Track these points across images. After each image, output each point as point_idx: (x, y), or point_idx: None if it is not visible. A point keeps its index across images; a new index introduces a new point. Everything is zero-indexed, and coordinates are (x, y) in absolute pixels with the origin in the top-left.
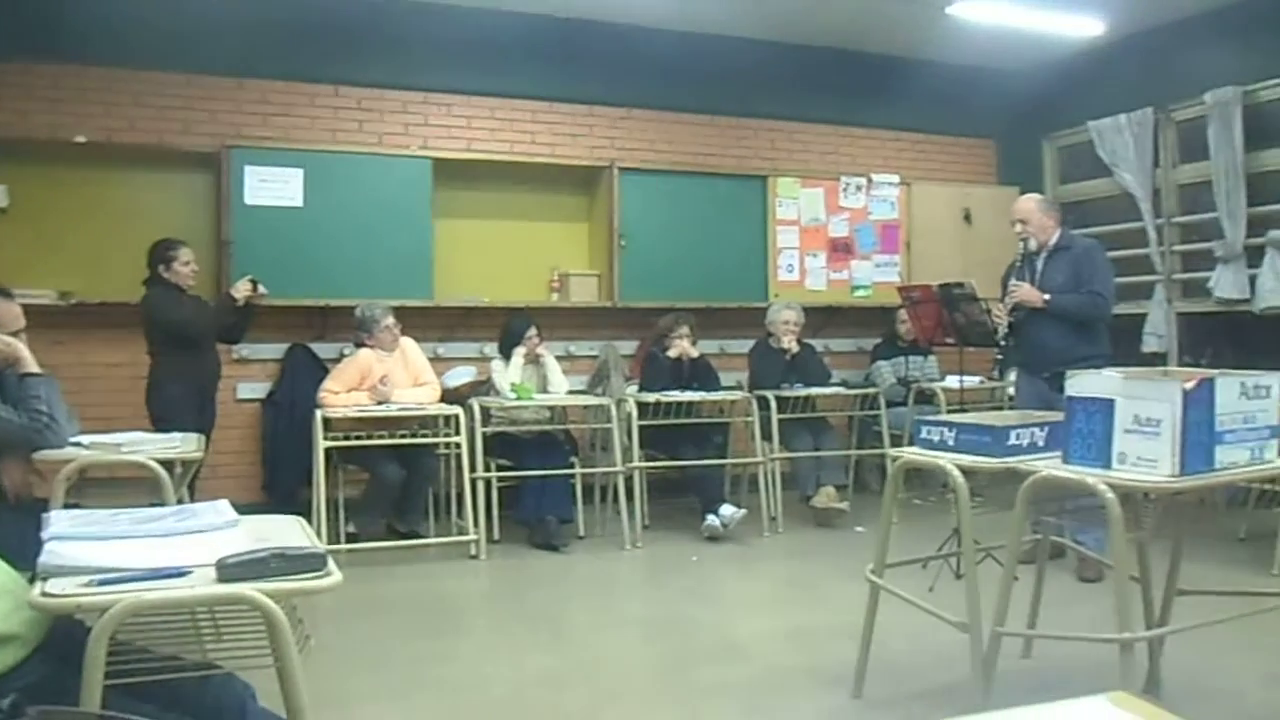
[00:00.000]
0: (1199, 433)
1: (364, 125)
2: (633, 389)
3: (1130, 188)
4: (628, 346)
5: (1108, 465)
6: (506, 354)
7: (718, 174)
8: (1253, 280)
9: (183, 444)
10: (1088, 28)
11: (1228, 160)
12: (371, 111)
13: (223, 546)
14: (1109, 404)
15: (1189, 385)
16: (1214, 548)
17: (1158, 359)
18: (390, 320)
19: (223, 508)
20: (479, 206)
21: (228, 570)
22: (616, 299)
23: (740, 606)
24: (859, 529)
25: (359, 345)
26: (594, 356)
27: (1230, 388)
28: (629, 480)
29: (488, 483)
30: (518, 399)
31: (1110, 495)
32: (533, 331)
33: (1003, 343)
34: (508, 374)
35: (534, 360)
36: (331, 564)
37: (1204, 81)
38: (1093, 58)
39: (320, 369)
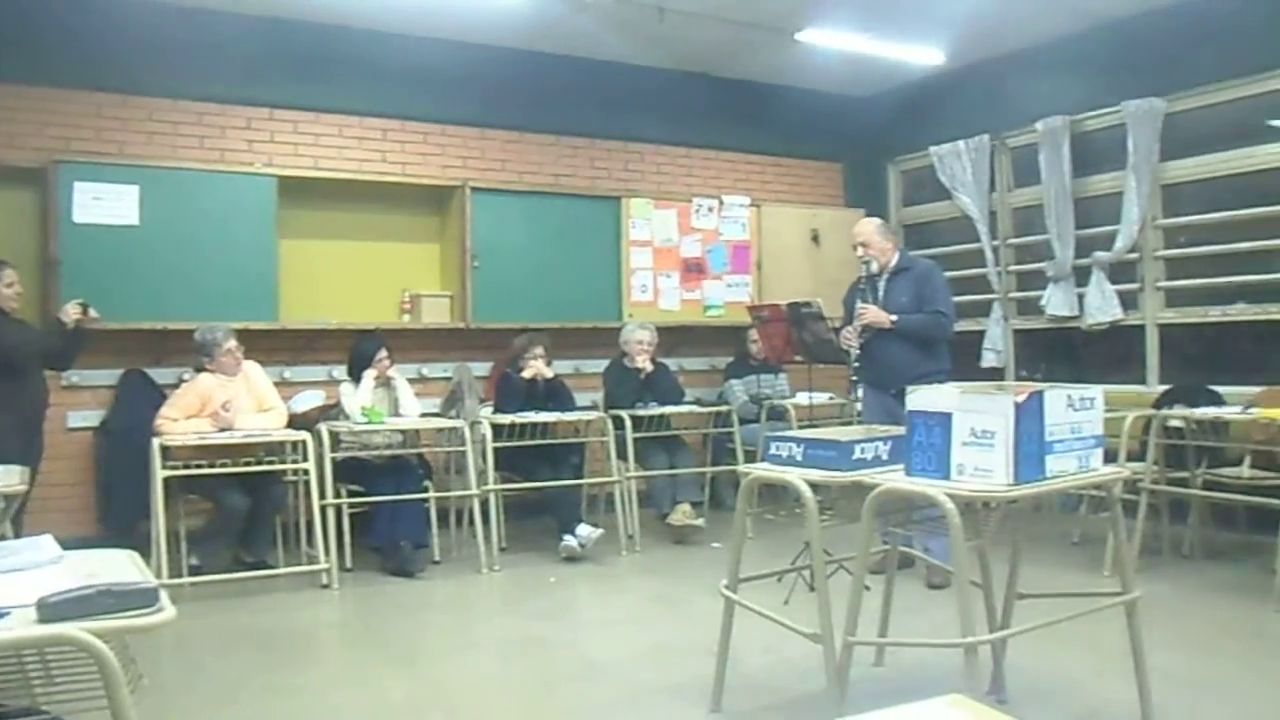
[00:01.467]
0: (1030, 443)
1: (205, 141)
2: (487, 411)
3: (968, 210)
4: (482, 368)
5: (947, 476)
6: (356, 377)
7: (571, 195)
8: (1081, 298)
9: (5, 477)
10: (930, 57)
11: (1058, 185)
12: (213, 127)
13: (45, 585)
14: (947, 418)
15: (1020, 399)
16: (1050, 552)
17: (996, 374)
18: (232, 343)
19: (45, 544)
20: (327, 226)
21: (48, 609)
22: (469, 320)
23: (599, 626)
24: (715, 545)
25: (199, 370)
26: (447, 378)
27: (1058, 400)
28: (485, 503)
29: (338, 509)
30: (368, 423)
31: (950, 505)
32: (383, 353)
33: (855, 364)
34: (357, 397)
35: (385, 383)
36: (164, 599)
37: (1036, 111)
38: (934, 86)
39: (158, 395)
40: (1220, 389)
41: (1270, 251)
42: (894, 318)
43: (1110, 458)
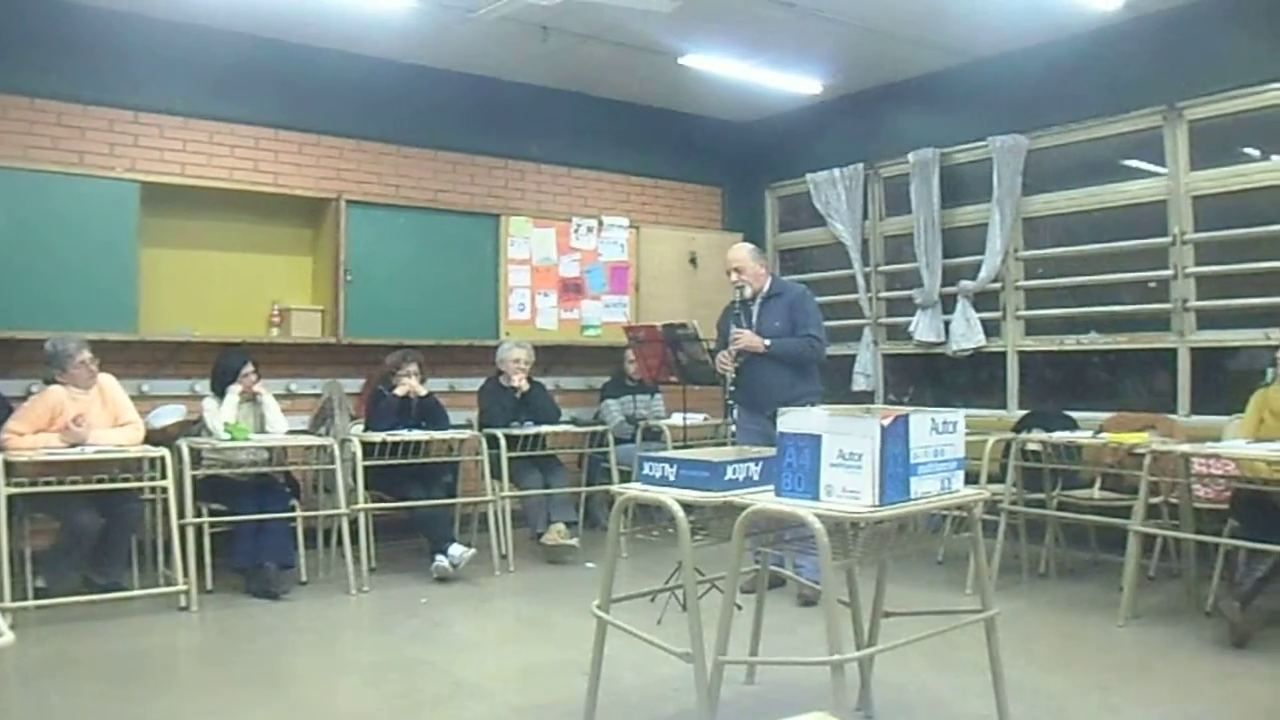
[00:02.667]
0: (896, 465)
1: (61, 143)
2: (358, 428)
3: (842, 237)
4: (353, 384)
5: (816, 497)
6: (220, 392)
7: (449, 210)
8: (947, 325)
9: None
10: (807, 86)
11: (927, 215)
12: (72, 128)
13: None
14: (816, 440)
15: (885, 422)
16: (916, 571)
17: (866, 396)
18: (86, 355)
19: None
20: (193, 235)
21: None
22: (341, 335)
23: (471, 647)
24: (590, 565)
25: (49, 382)
26: (317, 394)
27: (922, 424)
28: (354, 522)
29: (199, 529)
30: (232, 439)
31: (818, 525)
32: (249, 368)
33: (732, 387)
34: (221, 413)
35: (250, 398)
36: (2, 624)
37: (908, 143)
38: (812, 115)
39: (4, 408)
40: (1075, 414)
41: (1120, 284)
42: (768, 342)
43: (972, 479)
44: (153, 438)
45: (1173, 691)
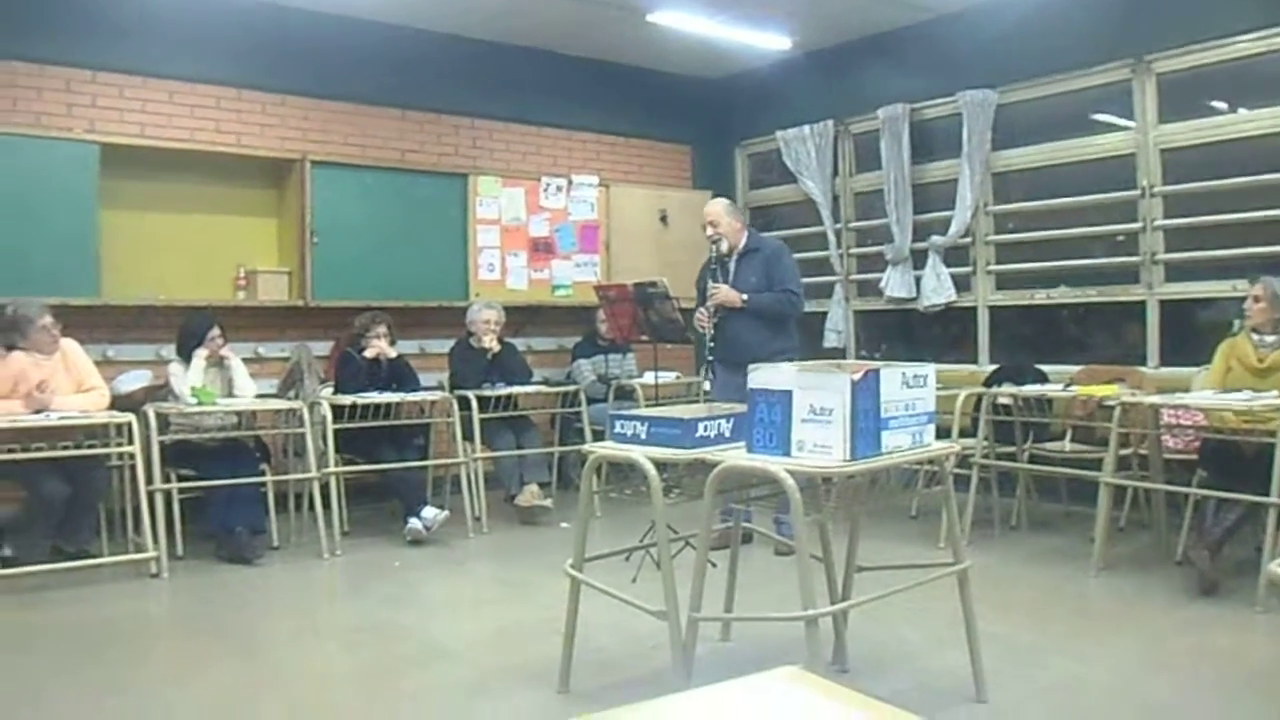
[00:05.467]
0: (866, 420)
1: (19, 103)
2: (328, 391)
3: (813, 194)
4: (322, 347)
5: (788, 453)
6: (186, 356)
7: (417, 171)
8: (918, 281)
9: None
10: (776, 43)
11: (897, 171)
12: (29, 89)
13: None
14: (787, 395)
15: (856, 376)
16: (889, 525)
17: (838, 353)
18: (48, 319)
19: None
20: (155, 198)
21: None
22: (309, 298)
23: (445, 609)
24: (563, 525)
25: (10, 348)
26: (285, 358)
27: (893, 378)
28: (325, 486)
29: (168, 495)
30: (200, 404)
31: (790, 481)
32: (215, 331)
33: (711, 344)
34: (188, 378)
35: (217, 363)
36: None
37: (878, 98)
38: (782, 72)
39: None
40: (1045, 368)
41: (1089, 238)
42: (745, 297)
43: (944, 434)
44: (119, 403)
45: (1144, 640)
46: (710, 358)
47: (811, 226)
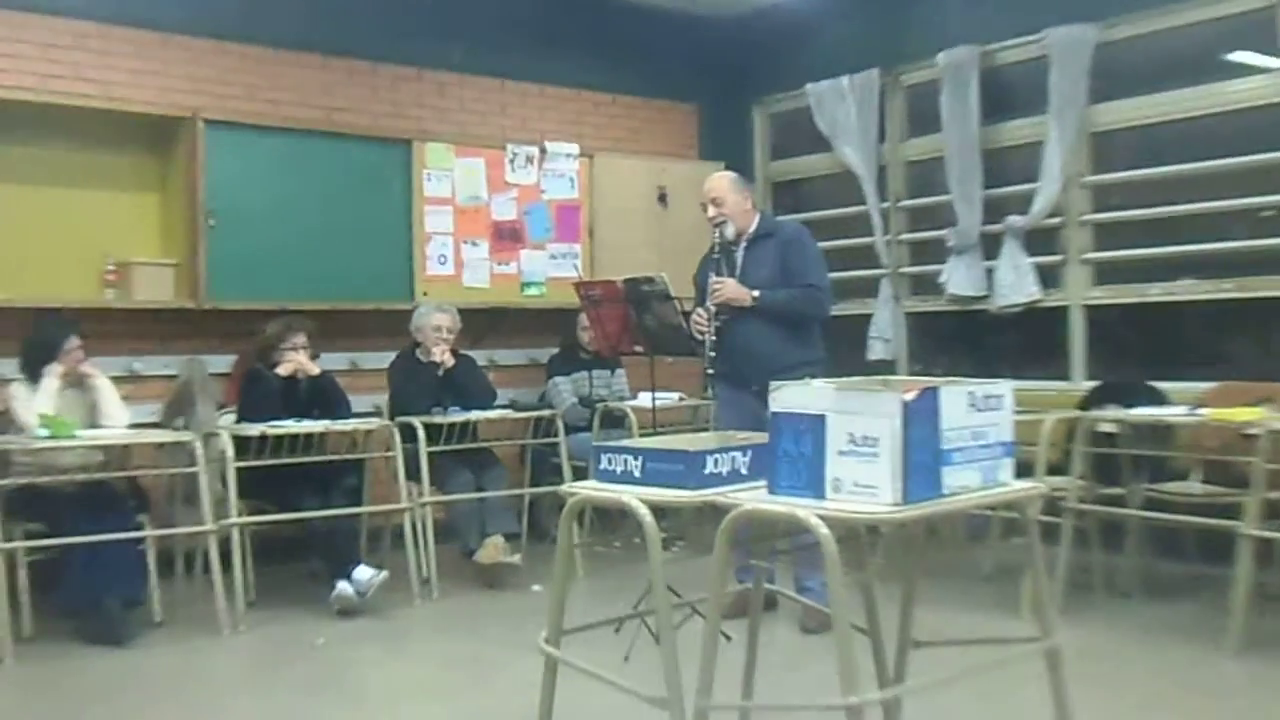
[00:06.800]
0: (923, 452)
1: None
2: (228, 419)
3: (852, 164)
4: (220, 363)
5: (821, 495)
6: (33, 375)
7: (346, 135)
8: (990, 274)
9: None
10: None
11: (962, 133)
12: None
13: None
14: (820, 421)
15: (909, 396)
16: (954, 589)
17: (885, 367)
18: None
19: None
20: None
21: None
22: (202, 298)
23: (385, 700)
24: (536, 588)
25: None
26: (171, 377)
27: (957, 399)
28: (225, 542)
29: (10, 558)
30: (52, 436)
31: (824, 530)
32: (74, 342)
33: (711, 354)
34: (36, 402)
35: (77, 382)
36: None
37: (938, 41)
38: (811, 7)
39: None
40: (1162, 385)
41: (1222, 215)
42: (756, 293)
43: (1026, 470)
44: None
45: None
46: (710, 371)
47: (851, 206)
